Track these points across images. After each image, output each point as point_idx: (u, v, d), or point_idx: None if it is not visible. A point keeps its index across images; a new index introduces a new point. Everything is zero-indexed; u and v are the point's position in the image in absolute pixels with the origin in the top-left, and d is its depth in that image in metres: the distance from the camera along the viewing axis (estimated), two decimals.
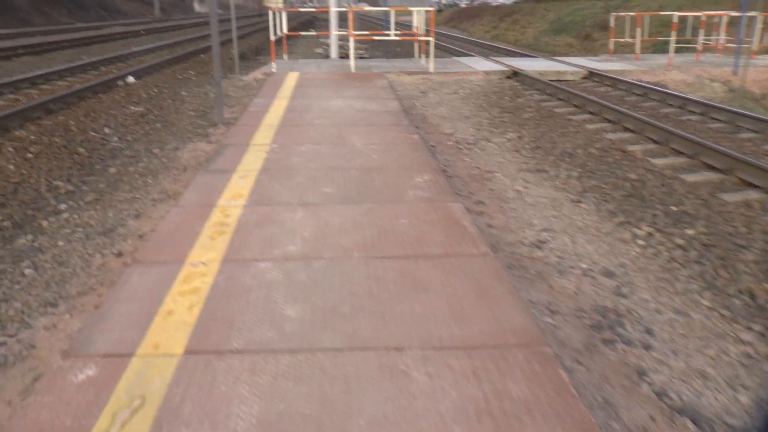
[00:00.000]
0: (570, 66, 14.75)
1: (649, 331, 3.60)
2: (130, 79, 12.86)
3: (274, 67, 13.43)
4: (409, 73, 13.54)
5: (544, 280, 4.17)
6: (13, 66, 16.32)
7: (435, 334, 3.14)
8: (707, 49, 17.80)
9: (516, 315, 3.34)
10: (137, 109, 10.08)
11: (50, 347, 3.29)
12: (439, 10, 66.50)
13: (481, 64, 15.04)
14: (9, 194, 5.81)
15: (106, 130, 8.59)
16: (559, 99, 11.19)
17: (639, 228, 5.23)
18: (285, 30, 15.80)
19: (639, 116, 8.70)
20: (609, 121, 9.29)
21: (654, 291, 4.11)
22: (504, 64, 15.12)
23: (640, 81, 13.40)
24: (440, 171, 6.01)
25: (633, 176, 6.61)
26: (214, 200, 5.09)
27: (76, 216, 5.35)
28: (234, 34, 12.01)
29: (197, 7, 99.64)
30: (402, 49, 23.37)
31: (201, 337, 3.09)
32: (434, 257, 4.02)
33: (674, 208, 5.65)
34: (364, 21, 41.01)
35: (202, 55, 19.40)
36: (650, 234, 5.11)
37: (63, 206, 5.62)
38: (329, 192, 5.32)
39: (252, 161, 6.27)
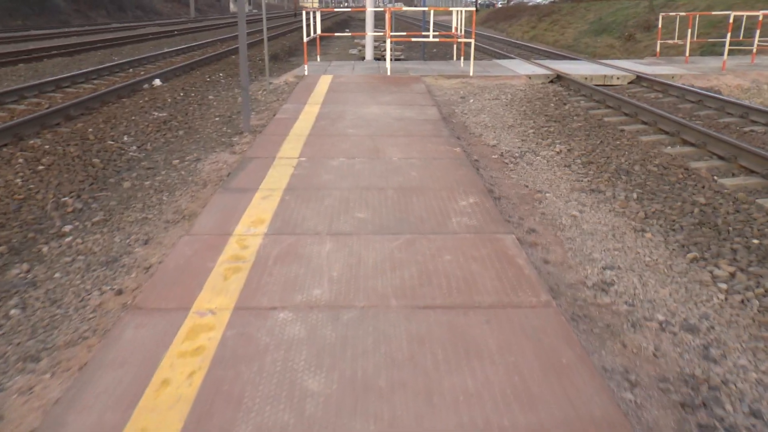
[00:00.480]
0: (616, 69, 13.93)
1: (755, 413, 2.88)
2: (157, 82, 12.37)
3: (306, 69, 12.84)
4: (448, 77, 12.84)
5: (616, 337, 3.48)
6: (44, 67, 16.00)
7: (494, 422, 2.47)
8: (760, 51, 16.80)
9: (592, 392, 2.66)
10: (161, 114, 9.55)
11: (20, 421, 2.69)
12: (476, 10, 65.55)
13: (522, 68, 14.28)
14: (11, 213, 5.27)
15: (126, 138, 8.05)
16: (609, 107, 10.41)
17: (718, 267, 4.49)
18: (318, 31, 15.22)
19: (699, 127, 7.91)
20: (665, 133, 8.51)
21: (751, 354, 3.39)
22: (546, 67, 14.35)
23: (692, 86, 12.55)
24: (486, 192, 5.33)
25: (701, 200, 5.85)
26: (231, 227, 4.48)
27: (79, 240, 4.78)
28: (264, 35, 11.43)
29: (233, 7, 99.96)
30: (439, 51, 22.69)
31: (200, 421, 2.46)
32: (487, 307, 3.35)
33: (756, 242, 4.89)
34: (401, 21, 40.37)
35: (233, 56, 18.93)
36: (733, 275, 4.38)
37: (68, 228, 5.06)
38: (363, 218, 4.67)
39: (277, 178, 5.65)
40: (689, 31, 15.83)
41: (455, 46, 16.57)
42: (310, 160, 6.32)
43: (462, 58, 14.80)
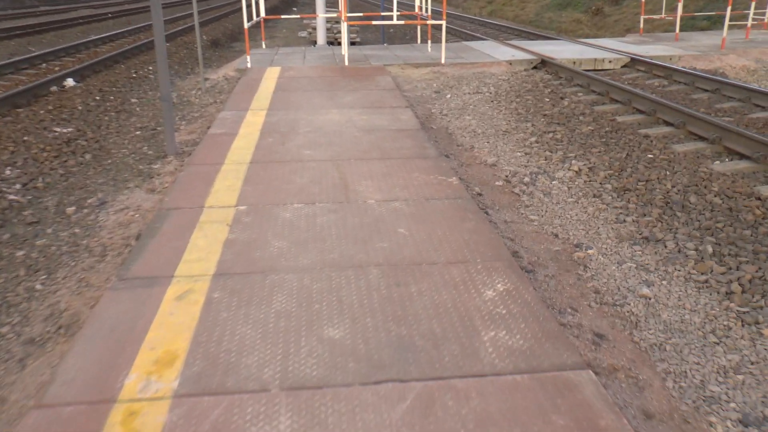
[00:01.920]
0: (605, 51, 12.24)
1: None
2: (69, 82, 10.19)
3: (249, 61, 10.79)
4: (416, 66, 10.94)
5: None
6: None
7: None
8: (753, 26, 15.28)
9: None
10: (64, 130, 7.47)
11: None
12: None
13: (499, 51, 12.45)
14: None
15: (8, 171, 6.00)
16: (615, 100, 8.68)
17: None
18: (263, 13, 13.14)
19: (749, 133, 6.21)
20: (701, 138, 6.81)
21: None
22: (526, 50, 12.56)
23: (695, 69, 10.92)
24: (514, 264, 3.58)
25: None
26: (116, 380, 2.59)
27: None
28: (196, 20, 9.36)
29: None
30: (397, 31, 20.71)
31: None
32: None
33: None
34: None
35: (169, 43, 16.63)
36: None
37: None
38: (337, 340, 2.85)
39: (202, 252, 3.76)
40: (679, 4, 14.16)
41: (419, 27, 14.63)
42: (252, 211, 4.41)
43: (429, 41, 12.87)
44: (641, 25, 15.62)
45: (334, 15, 14.58)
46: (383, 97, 8.24)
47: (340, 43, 16.52)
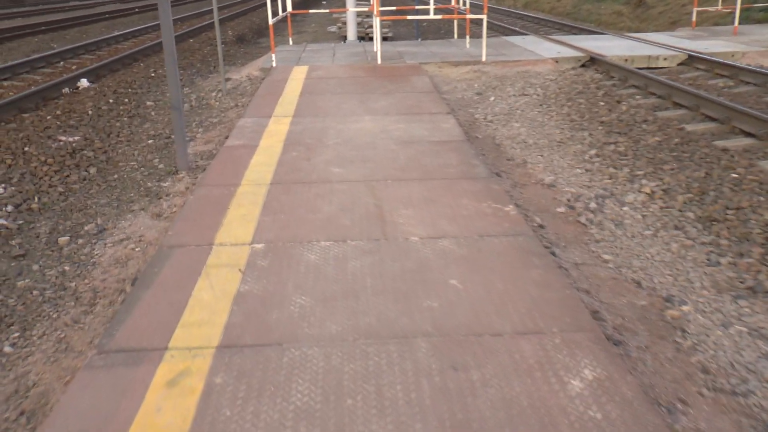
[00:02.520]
0: (658, 47, 11.26)
1: None
2: (83, 82, 9.52)
3: (274, 60, 10.02)
4: (455, 64, 10.08)
5: None
6: None
7: None
8: None
9: None
10: (70, 139, 6.77)
11: None
12: None
13: (542, 47, 11.54)
14: None
15: (0, 189, 5.28)
16: (680, 105, 7.76)
17: None
18: (289, 8, 12.36)
19: None
20: None
21: None
22: (571, 46, 11.62)
23: (762, 67, 9.89)
24: (603, 340, 2.77)
25: None
26: None
27: None
28: (215, 16, 8.61)
29: None
30: (431, 25, 19.80)
31: None
32: None
33: None
34: None
35: (193, 40, 15.97)
36: None
37: None
38: None
39: (204, 314, 3.02)
40: None
41: (455, 22, 13.74)
42: (271, 252, 3.64)
43: (468, 37, 11.97)
44: (693, 18, 14.52)
45: (365, 9, 13.76)
46: (421, 101, 7.41)
47: (371, 39, 15.70)
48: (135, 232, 4.54)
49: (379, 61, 10.07)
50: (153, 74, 11.03)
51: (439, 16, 10.22)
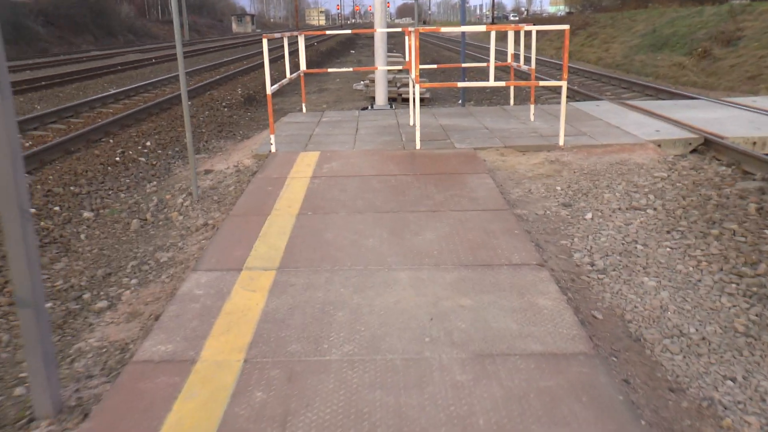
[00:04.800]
0: None
1: None
2: None
3: (273, 143, 7.21)
4: (522, 150, 7.22)
5: None
6: None
7: None
8: None
9: None
10: None
11: None
12: (492, 22, 59.67)
13: (629, 121, 8.72)
14: None
15: None
16: None
17: None
18: (303, 66, 9.66)
19: None
20: None
21: None
22: (667, 119, 8.77)
23: None
24: None
25: None
26: None
27: None
28: (183, 88, 5.84)
29: (235, 28, 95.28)
30: (470, 77, 16.97)
31: None
32: None
33: None
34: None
35: (189, 103, 13.31)
36: None
37: None
38: None
39: None
40: None
41: (512, 87, 10.89)
42: None
43: (532, 107, 9.10)
44: None
45: (398, 67, 11.01)
46: (489, 231, 4.55)
47: (404, 100, 12.94)
48: None
49: (417, 146, 7.23)
50: (118, 158, 8.30)
51: (501, 83, 7.36)
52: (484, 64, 10.54)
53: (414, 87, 7.32)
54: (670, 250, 4.77)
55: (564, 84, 7.24)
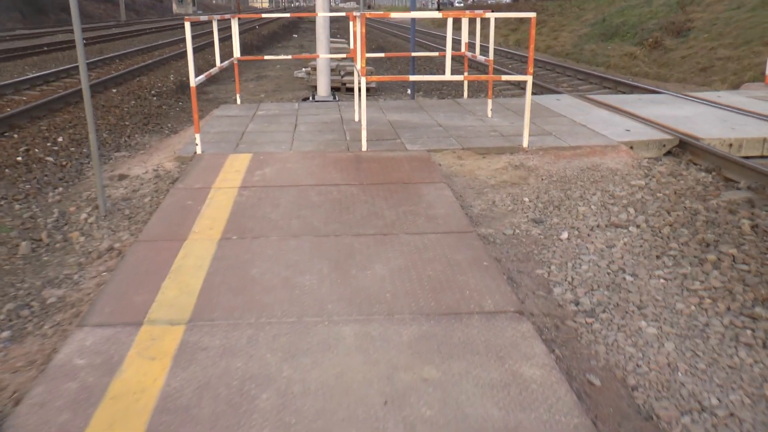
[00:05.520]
0: (759, 119, 7.70)
1: None
2: None
3: (198, 145, 6.20)
4: (482, 153, 6.42)
5: None
6: None
7: None
8: None
9: None
10: None
11: None
12: (438, 8, 58.59)
13: (596, 119, 8.01)
14: None
15: None
16: None
17: None
18: (237, 53, 8.66)
19: None
20: None
21: None
22: (637, 117, 8.13)
23: None
24: None
25: None
26: None
27: None
28: (84, 80, 4.80)
29: (176, 8, 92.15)
30: (423, 67, 16.17)
31: None
32: None
33: None
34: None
35: (113, 90, 12.11)
36: None
37: None
38: None
39: None
40: None
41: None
42: None
43: (490, 101, 8.29)
44: (767, 71, 11.03)
45: (342, 55, 10.07)
46: (453, 262, 3.74)
47: (349, 90, 12.00)
48: None
49: (364, 147, 6.33)
50: (21, 157, 7.17)
51: (459, 77, 6.51)
52: (435, 54, 9.68)
53: (360, 79, 6.40)
54: (664, 282, 4.01)
55: (529, 79, 6.43)
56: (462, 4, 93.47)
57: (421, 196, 5.06)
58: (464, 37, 9.03)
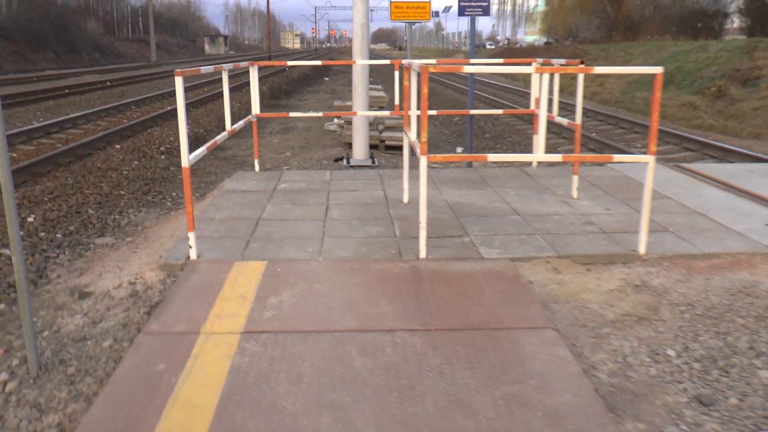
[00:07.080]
0: None
1: None
2: None
3: (193, 248, 4.36)
4: (584, 262, 4.43)
5: None
6: None
7: None
8: None
9: None
10: None
11: None
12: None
13: (711, 203, 6.20)
14: None
15: None
16: None
17: None
18: (256, 109, 6.95)
19: None
20: None
21: None
22: (763, 200, 6.09)
23: None
24: None
25: None
26: None
27: None
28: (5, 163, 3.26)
29: (208, 49, 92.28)
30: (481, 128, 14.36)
31: None
32: None
33: None
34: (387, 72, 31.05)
35: (118, 146, 10.47)
36: None
37: None
38: None
39: None
40: None
41: (536, 136, 8.15)
42: None
43: (576, 177, 6.40)
44: None
45: (385, 113, 8.32)
46: None
47: (388, 148, 10.22)
48: None
49: (422, 252, 4.45)
50: None
51: (557, 157, 4.65)
52: (500, 111, 7.86)
53: (420, 159, 4.56)
54: None
55: (651, 160, 4.56)
56: (493, 46, 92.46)
57: (523, 361, 3.17)
58: (534, 92, 7.24)
